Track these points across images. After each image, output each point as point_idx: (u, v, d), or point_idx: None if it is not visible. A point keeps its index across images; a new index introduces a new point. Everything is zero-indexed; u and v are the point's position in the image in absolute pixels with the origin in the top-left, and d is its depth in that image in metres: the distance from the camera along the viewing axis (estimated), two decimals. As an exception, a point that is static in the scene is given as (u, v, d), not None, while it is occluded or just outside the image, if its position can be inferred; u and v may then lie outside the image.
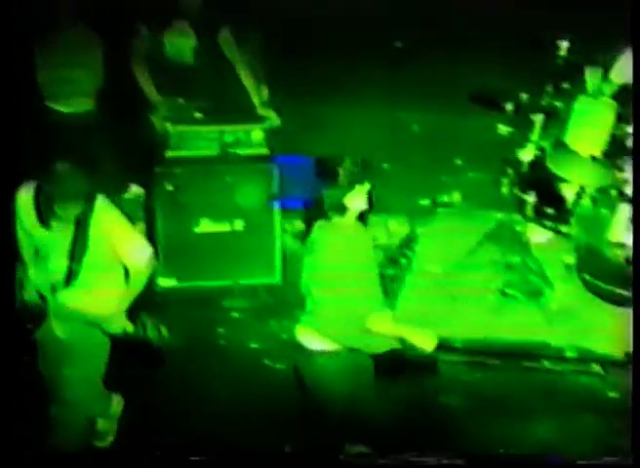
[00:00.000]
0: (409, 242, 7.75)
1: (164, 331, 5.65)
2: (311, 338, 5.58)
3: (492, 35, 8.74)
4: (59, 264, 5.48)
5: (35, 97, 7.66)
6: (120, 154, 7.83)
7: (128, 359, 5.91)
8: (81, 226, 5.42)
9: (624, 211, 6.99)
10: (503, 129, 7.40)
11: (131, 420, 6.13)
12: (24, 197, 5.46)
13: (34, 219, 5.44)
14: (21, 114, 7.57)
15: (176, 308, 7.22)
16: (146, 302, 6.33)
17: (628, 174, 7.01)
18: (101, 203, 5.49)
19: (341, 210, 5.45)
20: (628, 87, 7.25)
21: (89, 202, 5.40)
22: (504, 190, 7.52)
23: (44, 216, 5.41)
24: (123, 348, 5.80)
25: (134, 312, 5.72)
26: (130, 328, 5.61)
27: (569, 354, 6.76)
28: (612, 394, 6.52)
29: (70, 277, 5.49)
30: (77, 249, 5.44)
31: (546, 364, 6.79)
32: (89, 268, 5.49)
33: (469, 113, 7.90)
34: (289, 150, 7.79)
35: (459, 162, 8.52)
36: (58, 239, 5.44)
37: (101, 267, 5.51)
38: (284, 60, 8.38)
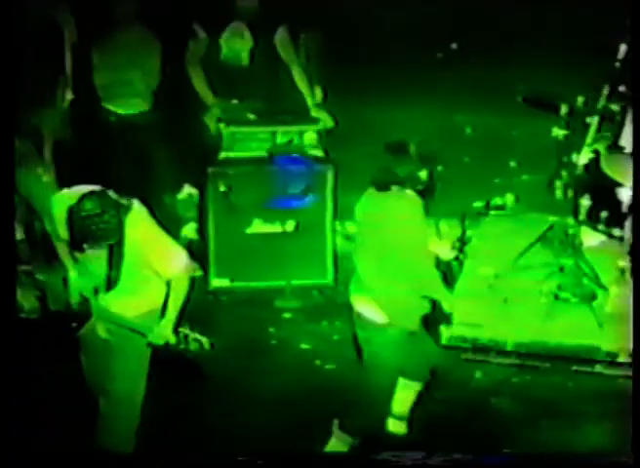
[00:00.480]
0: (461, 244, 7.74)
1: (206, 343, 5.61)
2: (368, 308, 5.73)
3: (547, 37, 8.72)
4: (99, 269, 5.52)
5: (92, 98, 7.77)
6: (174, 155, 7.92)
7: (168, 372, 5.99)
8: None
9: None
10: (558, 131, 7.38)
11: (180, 420, 6.20)
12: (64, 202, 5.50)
13: None
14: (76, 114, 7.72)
15: (228, 308, 7.29)
16: (198, 303, 6.38)
17: None
18: (137, 209, 5.50)
19: (406, 183, 5.64)
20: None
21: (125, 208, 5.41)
22: (558, 193, 7.51)
23: None
24: (163, 361, 5.85)
25: (179, 323, 5.77)
26: (172, 339, 5.60)
27: (621, 358, 6.69)
28: None
29: (110, 283, 5.51)
30: (114, 255, 5.49)
31: (598, 368, 6.74)
32: (128, 275, 5.50)
33: (524, 115, 7.92)
34: (342, 152, 7.84)
35: (512, 164, 8.53)
36: None
37: (140, 274, 5.52)
38: (339, 62, 8.41)
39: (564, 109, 7.35)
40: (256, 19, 7.83)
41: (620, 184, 7.12)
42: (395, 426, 6.14)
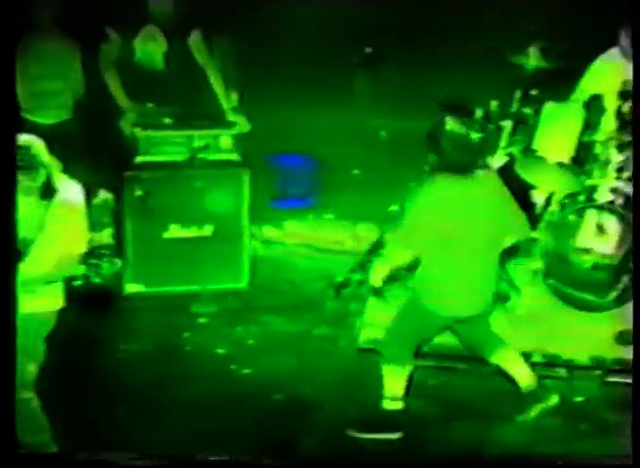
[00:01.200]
0: (378, 247, 7.84)
1: (117, 263, 5.70)
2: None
3: (461, 40, 8.85)
4: None
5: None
6: (90, 160, 7.89)
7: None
8: None
9: (592, 217, 7.16)
10: (473, 135, 7.49)
11: (95, 424, 6.14)
12: None
13: None
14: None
15: (143, 314, 7.29)
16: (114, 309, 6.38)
17: (597, 180, 7.16)
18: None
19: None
20: (599, 96, 7.40)
21: None
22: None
23: None
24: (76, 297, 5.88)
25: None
26: (83, 269, 5.65)
27: (535, 358, 6.77)
28: (577, 398, 6.58)
29: None
30: None
31: None
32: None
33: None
34: (258, 155, 7.90)
35: (427, 168, 8.56)
36: None
37: None
38: (255, 65, 8.50)
39: (479, 113, 7.48)
40: (170, 23, 7.82)
41: (533, 187, 7.30)
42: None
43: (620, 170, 7.12)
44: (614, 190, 7.09)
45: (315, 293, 7.76)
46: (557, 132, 7.25)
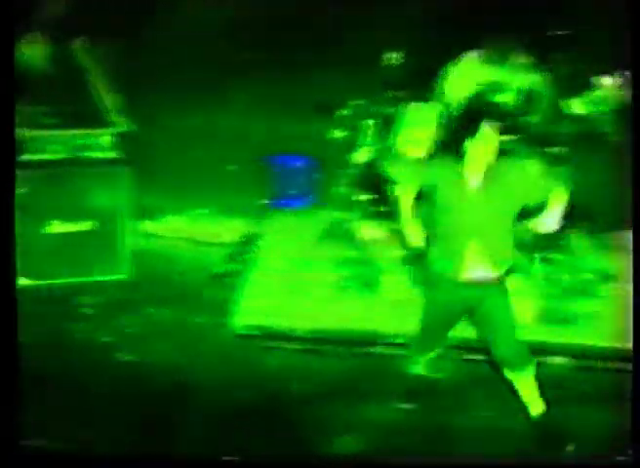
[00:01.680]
0: (252, 239, 8.19)
1: None
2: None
3: (329, 44, 9.20)
4: None
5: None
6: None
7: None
8: None
9: None
10: (339, 133, 7.94)
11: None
12: None
13: None
14: None
15: (31, 306, 7.41)
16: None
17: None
18: None
19: None
20: (458, 95, 7.89)
21: None
22: (341, 190, 8.10)
23: None
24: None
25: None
26: None
27: (399, 340, 7.17)
28: (437, 375, 6.92)
29: None
30: None
31: (378, 349, 7.22)
32: None
33: (308, 118, 8.37)
34: (139, 155, 8.09)
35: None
36: None
37: None
38: (136, 68, 8.65)
39: (345, 112, 7.95)
40: (55, 26, 8.00)
41: (394, 182, 7.73)
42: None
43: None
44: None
45: (195, 283, 7.97)
46: (417, 129, 7.68)
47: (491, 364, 6.59)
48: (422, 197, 6.23)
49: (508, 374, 6.31)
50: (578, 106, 7.65)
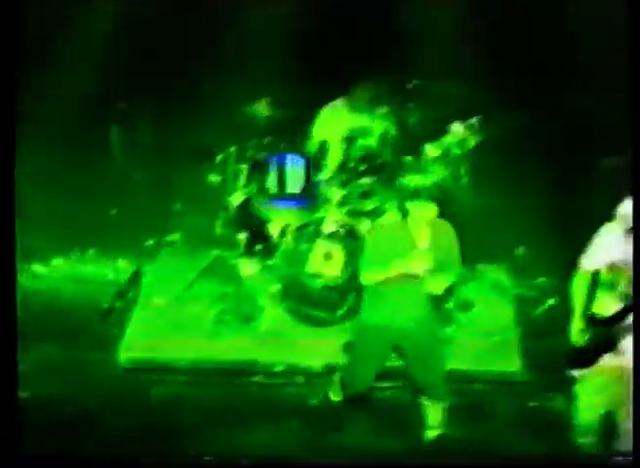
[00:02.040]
0: (136, 277, 8.57)
1: None
2: None
3: (203, 93, 9.49)
4: None
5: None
6: None
7: None
8: None
9: (320, 245, 8.01)
10: (214, 177, 8.46)
11: None
12: None
13: None
14: None
15: None
16: None
17: (323, 213, 8.18)
18: None
19: None
20: (325, 140, 8.49)
21: None
22: (219, 230, 8.58)
23: None
24: None
25: None
26: None
27: (277, 369, 7.70)
28: (313, 401, 7.50)
29: None
30: None
31: (258, 379, 7.69)
32: None
33: (187, 164, 8.89)
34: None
35: (178, 207, 9.22)
36: None
37: None
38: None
39: (219, 157, 8.47)
40: None
41: (269, 221, 8.30)
42: None
43: (341, 204, 8.24)
44: (336, 222, 8.13)
45: (83, 321, 8.18)
46: (287, 172, 8.30)
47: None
48: None
49: (425, 401, 6.98)
50: (431, 150, 8.32)
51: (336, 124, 8.51)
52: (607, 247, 6.23)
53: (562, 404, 7.19)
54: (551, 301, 8.21)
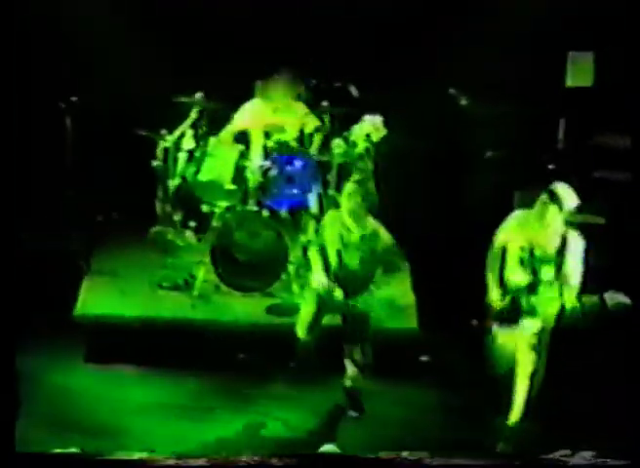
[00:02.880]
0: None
1: None
2: None
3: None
4: None
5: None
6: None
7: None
8: None
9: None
10: (157, 163, 9.88)
11: None
12: None
13: None
14: None
15: None
16: None
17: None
18: None
19: None
20: (247, 130, 9.85)
21: None
22: (159, 208, 10.01)
23: None
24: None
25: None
26: None
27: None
28: None
29: None
30: None
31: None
32: None
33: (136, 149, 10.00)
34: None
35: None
36: None
37: None
38: None
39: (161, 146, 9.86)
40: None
41: (203, 202, 9.74)
42: None
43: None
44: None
45: None
46: (219, 160, 9.68)
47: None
48: None
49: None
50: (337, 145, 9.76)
51: (258, 114, 9.90)
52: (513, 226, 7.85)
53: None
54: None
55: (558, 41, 10.30)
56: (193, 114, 9.90)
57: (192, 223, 10.01)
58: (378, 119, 9.64)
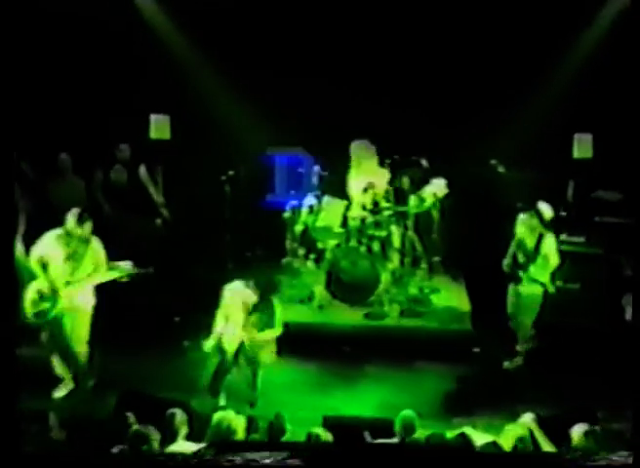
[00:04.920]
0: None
1: None
2: None
3: None
4: None
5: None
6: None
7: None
8: None
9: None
10: (287, 214, 13.02)
11: None
12: None
13: None
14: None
15: None
16: None
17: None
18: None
19: None
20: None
21: None
22: (288, 246, 13.13)
23: None
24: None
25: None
26: None
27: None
28: None
29: None
30: None
31: None
32: None
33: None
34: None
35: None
36: None
37: None
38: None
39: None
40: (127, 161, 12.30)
41: (320, 241, 12.69)
42: None
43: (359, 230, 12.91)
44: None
45: None
46: (330, 212, 12.51)
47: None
48: None
49: None
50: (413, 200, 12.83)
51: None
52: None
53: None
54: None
55: (567, 126, 13.24)
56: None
57: (312, 255, 12.89)
58: (442, 181, 12.72)
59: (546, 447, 8.12)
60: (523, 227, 11.50)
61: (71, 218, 9.93)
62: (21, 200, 11.11)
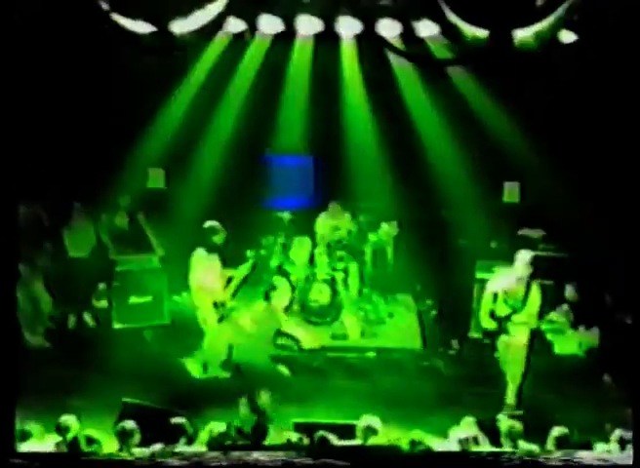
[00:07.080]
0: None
1: None
2: None
3: None
4: None
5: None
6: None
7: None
8: None
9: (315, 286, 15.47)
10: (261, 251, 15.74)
11: None
12: None
13: None
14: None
15: None
16: None
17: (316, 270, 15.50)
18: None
19: None
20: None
21: None
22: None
23: None
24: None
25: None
26: None
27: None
28: None
29: None
30: None
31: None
32: None
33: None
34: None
35: None
36: None
37: None
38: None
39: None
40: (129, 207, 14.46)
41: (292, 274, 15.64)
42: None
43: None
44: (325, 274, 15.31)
45: None
46: (299, 249, 15.53)
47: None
48: None
49: None
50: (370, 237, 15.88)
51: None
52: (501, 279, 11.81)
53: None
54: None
55: (497, 176, 15.73)
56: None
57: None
58: (394, 224, 15.52)
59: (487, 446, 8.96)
60: (504, 281, 11.91)
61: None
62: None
